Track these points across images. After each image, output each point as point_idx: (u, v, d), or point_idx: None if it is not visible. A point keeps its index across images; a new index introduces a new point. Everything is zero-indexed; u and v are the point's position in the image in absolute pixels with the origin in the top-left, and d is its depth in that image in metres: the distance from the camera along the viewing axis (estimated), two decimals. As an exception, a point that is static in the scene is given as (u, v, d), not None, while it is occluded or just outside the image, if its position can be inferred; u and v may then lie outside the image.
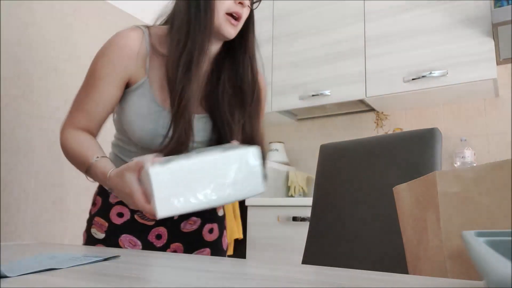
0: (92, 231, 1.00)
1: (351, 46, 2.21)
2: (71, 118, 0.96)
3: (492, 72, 1.81)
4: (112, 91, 0.92)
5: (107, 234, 0.98)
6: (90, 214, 1.04)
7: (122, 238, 0.98)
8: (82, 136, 0.95)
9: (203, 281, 0.43)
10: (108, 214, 1.00)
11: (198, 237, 1.02)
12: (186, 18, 0.90)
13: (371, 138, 1.08)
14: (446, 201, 0.50)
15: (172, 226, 1.00)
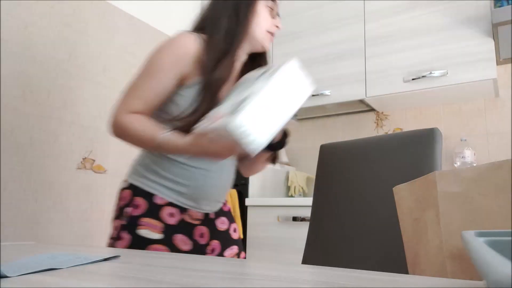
0: (143, 232, 1.00)
1: (351, 46, 2.21)
2: (127, 104, 1.01)
3: (492, 72, 1.81)
4: (169, 84, 1.01)
5: (165, 234, 1.01)
6: (131, 215, 1.03)
7: (177, 237, 1.03)
8: (142, 117, 1.00)
9: (203, 281, 0.43)
10: (158, 214, 1.02)
11: (228, 236, 1.13)
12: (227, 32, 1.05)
13: (371, 138, 1.08)
14: (446, 201, 0.50)
15: (210, 225, 1.09)
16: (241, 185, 2.16)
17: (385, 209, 0.95)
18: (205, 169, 1.06)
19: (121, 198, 1.07)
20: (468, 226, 0.48)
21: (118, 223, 1.05)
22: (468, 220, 0.48)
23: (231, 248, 1.13)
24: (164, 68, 1.00)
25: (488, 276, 0.22)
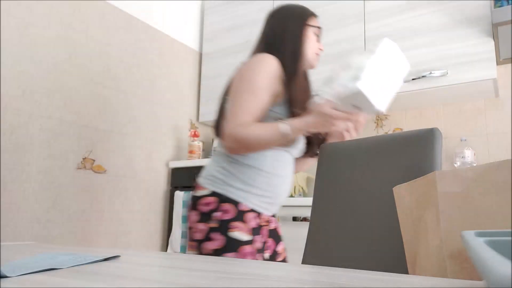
0: (235, 234, 1.14)
1: (351, 46, 2.21)
2: (239, 119, 1.14)
3: (492, 72, 1.81)
4: (267, 100, 1.17)
5: (253, 236, 1.16)
6: (221, 219, 1.15)
7: (256, 238, 1.18)
8: (253, 123, 1.14)
9: (203, 281, 0.43)
10: (244, 219, 1.16)
11: (277, 234, 1.32)
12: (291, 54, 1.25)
13: (371, 138, 1.08)
14: (446, 201, 0.50)
15: (269, 225, 1.28)
16: (241, 185, 2.16)
17: (385, 209, 0.95)
18: (284, 176, 1.23)
19: (206, 204, 1.18)
20: (468, 226, 0.48)
21: (205, 226, 1.16)
22: (468, 220, 0.48)
23: (280, 244, 1.31)
24: (262, 86, 1.15)
25: (488, 276, 0.22)
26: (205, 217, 1.16)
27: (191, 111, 2.74)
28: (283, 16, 1.30)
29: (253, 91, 1.14)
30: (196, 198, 1.20)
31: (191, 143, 2.51)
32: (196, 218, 1.18)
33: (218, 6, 2.79)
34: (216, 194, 1.18)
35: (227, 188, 1.18)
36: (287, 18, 1.29)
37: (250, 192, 1.18)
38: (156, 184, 2.41)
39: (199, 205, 1.19)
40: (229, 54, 2.67)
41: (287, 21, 1.28)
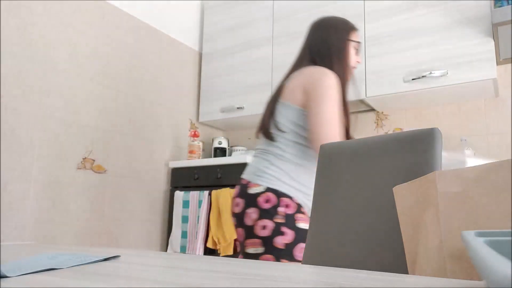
0: (301, 225, 1.22)
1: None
2: (338, 131, 1.27)
3: (492, 72, 1.81)
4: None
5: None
6: (286, 214, 1.22)
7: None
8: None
9: (203, 281, 0.43)
10: (301, 211, 1.25)
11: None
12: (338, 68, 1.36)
13: (371, 138, 1.08)
14: (446, 201, 0.50)
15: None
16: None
17: (385, 209, 0.95)
18: None
19: (266, 201, 1.23)
20: (468, 226, 0.48)
21: (271, 222, 1.21)
22: (468, 220, 0.48)
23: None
24: (338, 100, 1.27)
25: (488, 276, 0.22)
26: (268, 213, 1.21)
27: (191, 111, 2.74)
28: (329, 30, 1.38)
29: (336, 105, 1.26)
30: (253, 195, 1.24)
31: (191, 143, 2.51)
32: (257, 216, 1.22)
33: (218, 6, 2.79)
34: (272, 190, 1.23)
35: (280, 184, 1.24)
36: (333, 31, 1.37)
37: (298, 190, 1.26)
38: (156, 184, 2.41)
39: (258, 202, 1.23)
40: (229, 54, 2.67)
41: (333, 35, 1.37)
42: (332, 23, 1.40)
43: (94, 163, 2.06)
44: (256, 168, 1.30)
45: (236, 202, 1.31)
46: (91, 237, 2.01)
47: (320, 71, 1.29)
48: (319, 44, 1.37)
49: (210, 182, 2.28)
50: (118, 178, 2.17)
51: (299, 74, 1.32)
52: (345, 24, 1.41)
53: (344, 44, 1.37)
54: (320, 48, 1.37)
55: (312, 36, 1.40)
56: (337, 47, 1.36)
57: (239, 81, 2.59)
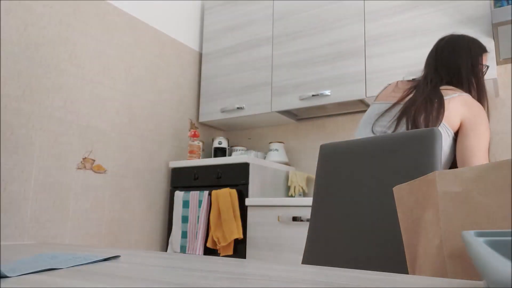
0: None
1: (351, 46, 2.21)
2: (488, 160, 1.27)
3: (492, 72, 1.81)
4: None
5: None
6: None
7: None
8: None
9: (203, 281, 0.43)
10: None
11: None
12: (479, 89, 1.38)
13: (371, 138, 1.08)
14: (446, 201, 0.50)
15: None
16: (241, 185, 2.16)
17: (385, 209, 0.95)
18: None
19: None
20: (468, 226, 0.48)
21: None
22: (468, 220, 0.48)
23: None
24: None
25: (488, 276, 0.22)
26: None
27: (191, 111, 2.74)
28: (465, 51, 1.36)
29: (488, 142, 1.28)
30: None
31: (191, 143, 2.51)
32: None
33: (218, 6, 2.79)
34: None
35: None
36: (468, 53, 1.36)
37: None
38: (156, 184, 2.41)
39: None
40: (229, 54, 2.67)
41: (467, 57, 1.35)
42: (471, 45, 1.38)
43: (94, 163, 2.05)
44: None
45: None
46: (91, 237, 2.01)
47: (480, 108, 1.28)
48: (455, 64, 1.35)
49: (210, 182, 2.28)
50: (118, 178, 2.17)
51: (458, 101, 1.27)
52: (481, 47, 1.40)
53: (480, 69, 1.36)
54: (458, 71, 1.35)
55: (445, 54, 1.38)
56: (475, 72, 1.35)
57: (239, 81, 2.59)
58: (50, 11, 1.92)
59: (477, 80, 1.34)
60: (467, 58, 1.35)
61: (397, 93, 1.35)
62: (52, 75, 1.91)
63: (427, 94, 1.28)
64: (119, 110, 2.22)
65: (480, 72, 1.36)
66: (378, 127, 1.29)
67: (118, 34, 2.25)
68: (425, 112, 1.26)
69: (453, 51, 1.37)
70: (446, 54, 1.38)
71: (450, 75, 1.35)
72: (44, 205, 1.82)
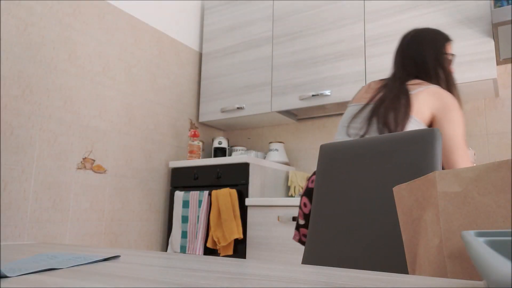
0: None
1: (351, 46, 2.21)
2: (468, 154, 1.28)
3: (492, 72, 1.81)
4: None
5: None
6: (307, 214, 1.33)
7: None
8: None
9: (203, 281, 0.43)
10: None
11: None
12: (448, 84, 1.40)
13: (371, 138, 1.08)
14: (446, 201, 0.50)
15: None
16: (241, 185, 2.16)
17: (385, 209, 0.95)
18: None
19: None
20: (468, 226, 0.48)
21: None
22: (468, 220, 0.48)
23: None
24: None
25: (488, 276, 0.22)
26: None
27: (191, 111, 2.74)
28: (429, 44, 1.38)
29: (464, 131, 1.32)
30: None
31: (191, 143, 2.51)
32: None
33: (218, 6, 2.79)
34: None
35: None
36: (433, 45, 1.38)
37: None
38: (156, 184, 2.41)
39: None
40: (229, 54, 2.67)
41: (432, 49, 1.37)
42: (433, 37, 1.40)
43: (94, 163, 2.06)
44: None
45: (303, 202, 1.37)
46: (91, 237, 2.01)
47: (448, 96, 1.30)
48: (426, 60, 1.37)
49: (210, 182, 2.28)
50: (118, 178, 2.17)
51: (426, 94, 1.29)
52: (443, 37, 1.41)
53: (445, 59, 1.37)
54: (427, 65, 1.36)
55: (411, 49, 1.40)
56: (442, 63, 1.36)
57: (239, 81, 2.59)
58: (50, 11, 1.92)
59: (444, 70, 1.35)
60: (432, 50, 1.37)
61: (368, 94, 1.36)
62: (52, 75, 1.91)
63: (395, 92, 1.30)
64: (119, 110, 2.22)
65: (446, 61, 1.37)
66: (351, 130, 1.31)
67: (118, 34, 2.25)
68: (394, 110, 1.27)
69: (418, 45, 1.39)
70: (411, 49, 1.39)
71: (417, 69, 1.37)
72: (44, 205, 1.82)
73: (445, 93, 1.29)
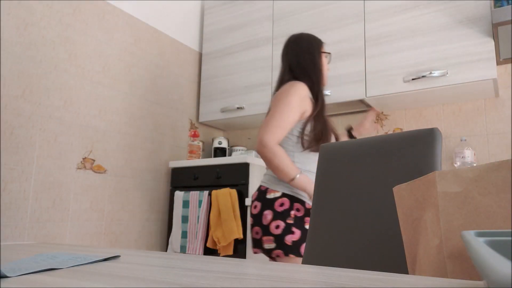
0: (307, 227, 1.44)
1: (351, 46, 2.21)
2: (275, 133, 1.46)
3: (492, 72, 1.81)
4: (297, 118, 1.50)
5: None
6: (296, 217, 1.46)
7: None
8: (284, 153, 1.47)
9: (203, 281, 0.43)
10: (309, 215, 1.46)
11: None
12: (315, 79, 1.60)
13: (371, 138, 1.08)
14: (446, 201, 0.50)
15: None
16: (241, 185, 2.16)
17: (385, 209, 0.95)
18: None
19: (281, 205, 1.47)
20: (468, 226, 0.48)
21: (283, 222, 1.44)
22: (468, 220, 0.48)
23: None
24: (294, 105, 1.48)
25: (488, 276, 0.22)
26: (282, 215, 1.45)
27: (191, 111, 2.74)
28: (304, 46, 1.61)
29: (286, 110, 1.46)
30: (270, 200, 1.49)
31: (191, 143, 2.51)
32: (271, 217, 1.46)
33: (218, 6, 2.79)
34: (287, 196, 1.48)
35: (295, 190, 1.48)
36: (308, 48, 1.61)
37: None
38: (156, 184, 2.41)
39: (274, 205, 1.47)
40: (229, 54, 2.67)
41: (307, 51, 1.61)
42: (307, 41, 1.62)
43: (94, 163, 2.05)
44: (273, 176, 1.53)
45: (254, 205, 1.52)
46: (91, 237, 2.01)
47: (289, 83, 1.53)
48: (299, 61, 1.60)
49: (210, 182, 2.28)
50: (118, 178, 2.17)
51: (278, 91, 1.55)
52: (317, 40, 1.64)
53: (319, 58, 1.60)
54: (300, 65, 1.59)
55: (290, 55, 1.62)
56: (315, 62, 1.59)
57: (239, 81, 2.59)
58: (50, 11, 1.92)
59: (315, 67, 1.58)
60: (307, 52, 1.60)
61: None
62: (52, 75, 1.91)
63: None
64: (119, 110, 2.22)
65: (319, 59, 1.61)
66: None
67: (118, 34, 2.25)
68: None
69: (295, 48, 1.62)
70: (290, 53, 1.62)
71: (293, 69, 1.60)
72: (44, 205, 1.82)
73: (290, 83, 1.54)
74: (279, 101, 1.49)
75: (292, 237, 1.43)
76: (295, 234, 1.43)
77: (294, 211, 1.46)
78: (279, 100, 1.50)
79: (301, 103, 1.50)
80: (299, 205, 1.48)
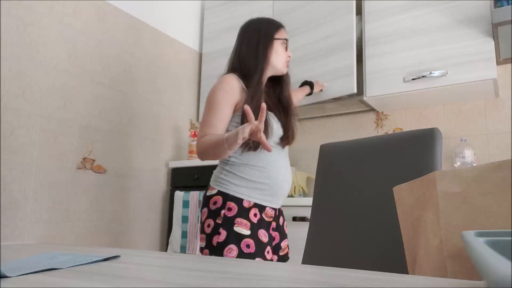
0: (237, 229, 1.33)
1: (341, 39, 2.21)
2: (203, 132, 1.36)
3: (492, 72, 1.81)
4: (228, 112, 1.40)
5: (251, 230, 1.34)
6: (225, 216, 1.35)
7: (260, 232, 1.36)
8: (208, 136, 1.35)
9: (203, 281, 0.43)
10: (247, 215, 1.35)
11: (283, 230, 1.50)
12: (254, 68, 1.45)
13: (371, 138, 1.08)
14: (446, 201, 0.50)
15: (276, 220, 1.46)
16: (241, 185, 2.16)
17: (385, 209, 0.95)
18: (278, 167, 1.42)
19: (215, 203, 1.38)
20: (468, 226, 0.48)
21: (213, 221, 1.36)
22: (468, 220, 0.48)
23: (285, 240, 1.49)
24: (220, 101, 1.38)
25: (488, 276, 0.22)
26: (213, 214, 1.37)
27: (191, 111, 2.74)
28: (251, 33, 1.48)
29: (213, 107, 1.38)
30: (207, 197, 1.42)
31: (191, 143, 2.51)
32: (206, 215, 1.39)
33: (218, 6, 2.79)
34: (222, 194, 1.38)
35: (231, 187, 1.38)
36: (255, 35, 1.48)
37: (251, 187, 1.38)
38: (156, 184, 2.41)
39: (209, 203, 1.39)
40: (229, 54, 2.67)
41: (254, 38, 1.48)
42: (256, 27, 1.49)
43: (94, 163, 2.05)
44: (214, 173, 1.46)
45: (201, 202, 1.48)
46: (91, 237, 2.01)
47: (218, 79, 1.44)
48: (243, 49, 1.48)
49: (210, 182, 2.28)
50: (118, 178, 2.17)
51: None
52: (269, 25, 1.50)
53: (267, 46, 1.47)
54: (243, 53, 1.47)
55: (238, 42, 1.51)
56: (259, 50, 1.46)
57: (239, 81, 2.59)
58: (50, 11, 1.92)
59: (257, 55, 1.45)
60: (249, 40, 1.48)
61: None
62: (52, 75, 1.91)
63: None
64: (119, 110, 2.22)
65: (267, 46, 1.46)
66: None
67: (118, 34, 2.25)
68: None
69: (239, 37, 1.52)
70: (239, 40, 1.52)
71: (233, 60, 1.50)
72: (44, 205, 1.82)
73: (221, 77, 1.45)
74: (206, 100, 1.43)
75: (217, 238, 1.32)
76: (220, 235, 1.32)
77: (225, 210, 1.35)
78: (207, 99, 1.43)
79: (227, 96, 1.39)
80: (233, 204, 1.35)
